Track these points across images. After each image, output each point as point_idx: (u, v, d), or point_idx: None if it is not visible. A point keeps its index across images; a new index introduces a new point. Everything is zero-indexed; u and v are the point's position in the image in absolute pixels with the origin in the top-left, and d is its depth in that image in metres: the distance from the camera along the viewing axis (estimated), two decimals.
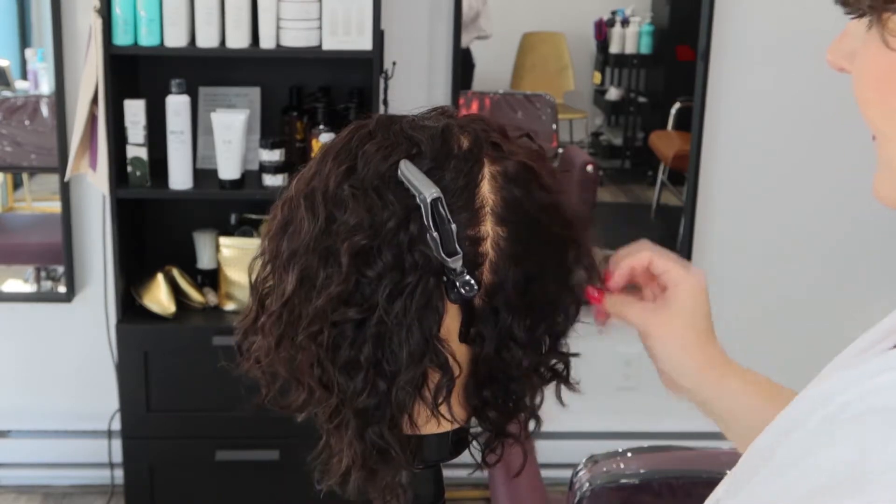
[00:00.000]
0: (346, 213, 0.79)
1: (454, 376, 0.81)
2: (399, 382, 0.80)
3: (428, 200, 0.77)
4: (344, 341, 0.80)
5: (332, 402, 0.82)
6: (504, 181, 0.81)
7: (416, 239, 0.78)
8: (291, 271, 0.82)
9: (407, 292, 0.78)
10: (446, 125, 0.83)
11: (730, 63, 2.84)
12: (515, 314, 0.81)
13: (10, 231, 3.25)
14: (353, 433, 0.83)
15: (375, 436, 0.82)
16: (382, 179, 0.80)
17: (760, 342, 3.03)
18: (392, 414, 0.81)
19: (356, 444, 0.83)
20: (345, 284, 0.78)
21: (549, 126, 3.13)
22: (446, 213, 0.77)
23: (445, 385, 0.81)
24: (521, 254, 0.80)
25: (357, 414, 0.82)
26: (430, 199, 0.77)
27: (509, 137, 0.85)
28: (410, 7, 2.77)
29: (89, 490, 3.01)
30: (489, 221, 0.80)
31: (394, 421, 0.82)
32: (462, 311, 0.81)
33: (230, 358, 0.92)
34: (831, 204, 2.95)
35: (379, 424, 0.82)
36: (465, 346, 0.83)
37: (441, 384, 0.81)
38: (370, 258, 0.78)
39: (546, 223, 0.82)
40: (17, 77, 3.00)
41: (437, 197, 0.77)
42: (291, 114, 2.70)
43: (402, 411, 0.81)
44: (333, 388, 0.81)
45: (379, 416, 0.81)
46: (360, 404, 0.81)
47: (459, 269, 0.78)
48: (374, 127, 0.84)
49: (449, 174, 0.80)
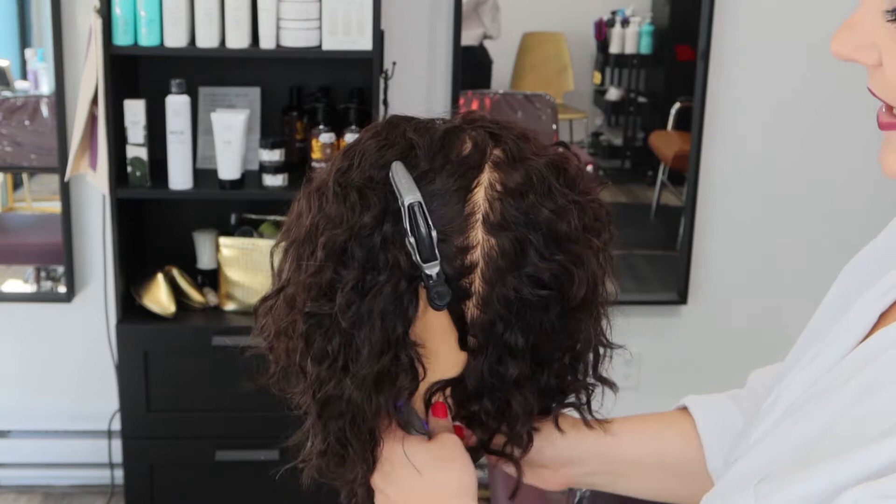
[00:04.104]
0: (330, 208, 0.80)
1: (419, 380, 0.81)
2: (352, 377, 0.80)
3: (406, 205, 0.76)
4: (318, 331, 0.81)
5: (306, 389, 0.84)
6: (502, 191, 0.79)
7: (390, 240, 0.78)
8: (290, 259, 0.84)
9: (374, 291, 0.78)
10: (451, 128, 0.82)
11: (730, 63, 2.84)
12: (511, 327, 0.79)
13: (10, 231, 3.25)
14: (316, 422, 0.85)
15: (337, 430, 0.83)
16: (369, 179, 0.80)
17: (761, 342, 3.03)
18: (352, 410, 0.82)
19: (321, 434, 0.85)
20: (315, 277, 0.79)
21: (549, 126, 3.13)
22: (426, 219, 0.76)
23: (407, 388, 0.81)
24: (512, 268, 0.78)
25: (318, 403, 0.83)
26: (407, 204, 0.76)
27: (534, 146, 0.82)
28: (410, 7, 2.77)
29: (89, 490, 3.01)
30: (479, 230, 0.78)
31: (356, 418, 0.82)
32: (454, 319, 0.80)
33: (230, 358, 0.93)
34: (831, 203, 2.95)
35: (341, 418, 0.82)
36: (464, 355, 0.82)
37: (402, 387, 0.81)
38: (344, 254, 0.79)
39: (542, 241, 0.79)
40: (17, 77, 3.00)
41: (415, 202, 0.76)
42: (291, 114, 2.70)
43: (352, 407, 0.81)
44: (307, 376, 0.83)
45: (340, 410, 0.82)
46: (322, 395, 0.82)
47: (435, 276, 0.77)
48: (382, 126, 0.84)
49: (441, 178, 0.79)
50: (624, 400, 0.95)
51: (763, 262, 3.00)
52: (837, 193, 2.94)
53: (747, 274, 3.00)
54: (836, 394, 0.69)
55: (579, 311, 0.82)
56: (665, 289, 3.02)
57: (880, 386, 0.65)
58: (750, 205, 2.95)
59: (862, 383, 0.67)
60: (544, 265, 0.79)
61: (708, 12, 2.77)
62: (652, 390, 2.93)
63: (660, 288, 3.07)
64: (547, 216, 0.79)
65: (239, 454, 2.68)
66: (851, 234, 2.97)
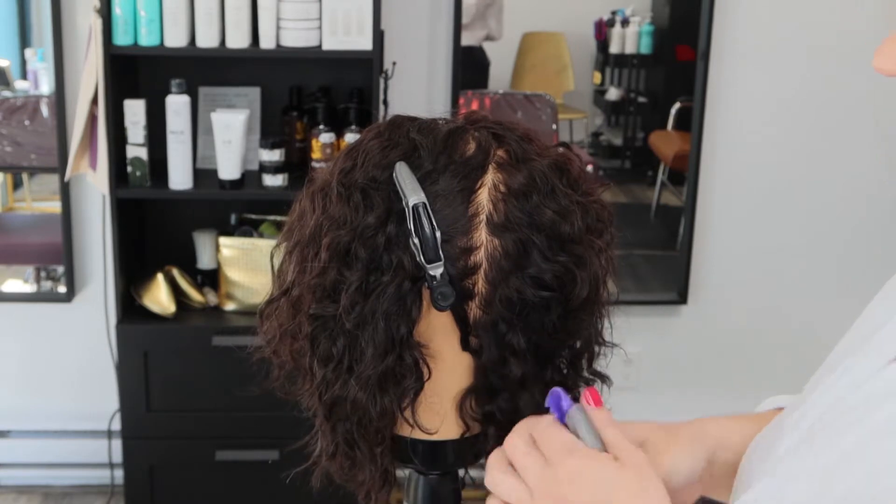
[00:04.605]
0: (334, 209, 0.80)
1: (423, 381, 0.81)
2: (356, 378, 0.80)
3: (410, 205, 0.76)
4: (323, 333, 0.81)
5: (313, 391, 0.84)
6: (506, 192, 0.79)
7: (394, 241, 0.78)
8: (293, 261, 0.83)
9: (378, 291, 0.78)
10: (455, 129, 0.82)
11: (730, 63, 2.84)
12: (514, 327, 0.79)
13: (10, 231, 3.25)
14: (324, 424, 0.84)
15: (345, 431, 0.83)
16: (373, 179, 0.80)
17: (761, 342, 3.04)
18: (358, 411, 0.81)
19: (329, 436, 0.85)
20: (320, 278, 0.79)
21: (549, 126, 3.13)
22: (430, 220, 0.76)
23: (412, 388, 0.81)
24: (515, 269, 0.78)
25: (325, 405, 0.83)
26: (412, 205, 0.76)
27: (537, 146, 0.82)
28: (410, 7, 2.77)
29: (89, 490, 3.01)
30: (483, 230, 0.78)
31: (362, 419, 0.82)
32: (457, 320, 0.80)
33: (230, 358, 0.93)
34: (832, 203, 2.95)
35: (348, 420, 0.82)
36: (468, 356, 0.82)
37: (407, 387, 0.81)
38: (348, 255, 0.78)
39: (545, 242, 0.79)
40: (17, 77, 3.00)
41: (419, 203, 0.76)
42: (291, 114, 2.70)
43: (358, 408, 0.81)
44: (314, 378, 0.83)
45: (347, 412, 0.82)
46: (329, 396, 0.82)
47: (439, 276, 0.77)
48: (385, 127, 0.84)
49: (445, 179, 0.79)
50: (624, 400, 0.95)
51: (763, 262, 3.00)
52: (837, 193, 2.94)
53: (747, 274, 3.00)
54: (859, 422, 0.66)
55: (581, 312, 0.81)
56: (665, 289, 3.02)
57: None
58: (750, 205, 2.95)
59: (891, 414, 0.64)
60: (547, 266, 0.79)
61: (708, 12, 2.77)
62: (651, 390, 2.93)
63: (660, 288, 3.07)
64: (550, 217, 0.79)
65: (239, 454, 2.68)
66: (851, 234, 2.97)
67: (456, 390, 0.83)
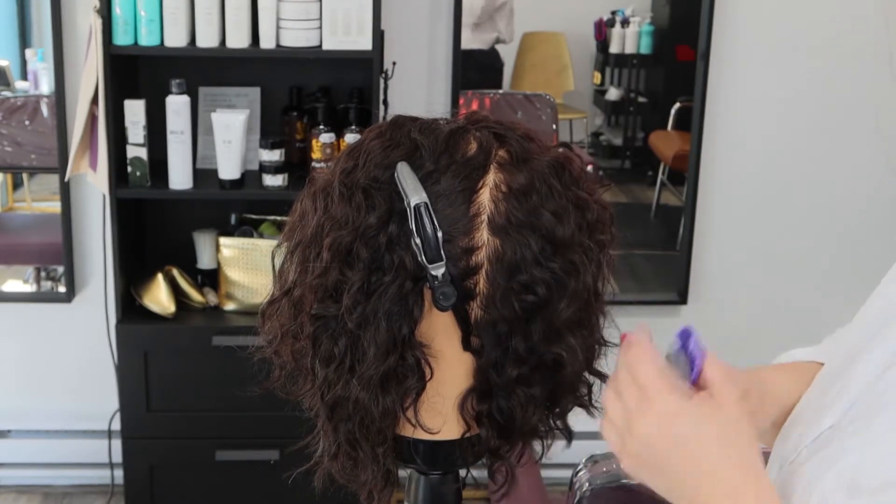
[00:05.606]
0: (335, 209, 0.80)
1: (425, 381, 0.81)
2: (358, 378, 0.80)
3: (412, 205, 0.76)
4: (324, 333, 0.81)
5: (314, 391, 0.84)
6: (507, 192, 0.79)
7: (396, 241, 0.78)
8: (295, 261, 0.84)
9: (380, 291, 0.78)
10: (456, 129, 0.82)
11: (730, 63, 2.84)
12: (514, 328, 0.80)
13: (10, 231, 3.25)
14: (326, 424, 0.84)
15: (347, 431, 0.83)
16: (375, 179, 0.80)
17: (760, 342, 3.03)
18: (360, 411, 0.81)
19: (331, 436, 0.85)
20: (321, 278, 0.80)
21: (549, 126, 3.13)
22: (432, 220, 0.77)
23: (414, 388, 0.81)
24: (516, 269, 0.79)
25: (327, 405, 0.83)
26: (413, 205, 0.76)
27: (538, 147, 0.83)
28: (410, 7, 2.77)
29: (89, 490, 3.01)
30: (485, 230, 0.79)
31: (364, 419, 0.82)
32: (458, 320, 0.80)
33: (230, 358, 0.93)
34: (832, 203, 2.95)
35: (350, 420, 0.82)
36: (469, 355, 0.82)
37: (409, 387, 0.81)
38: (350, 255, 0.79)
39: (546, 243, 0.79)
40: (17, 77, 3.00)
41: (421, 203, 0.76)
42: (291, 114, 2.70)
43: (360, 408, 0.81)
44: (315, 378, 0.83)
45: (349, 412, 0.82)
46: (331, 397, 0.82)
47: (441, 276, 0.77)
48: (386, 127, 0.84)
49: (447, 179, 0.79)
50: None
51: (763, 262, 3.00)
52: (837, 193, 2.94)
53: (747, 274, 3.00)
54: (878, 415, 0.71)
55: (581, 311, 0.82)
56: (665, 289, 3.02)
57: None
58: (750, 205, 2.95)
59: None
60: (548, 266, 0.79)
61: (708, 12, 2.77)
62: None
63: (660, 288, 3.07)
64: (548, 219, 0.79)
65: (239, 454, 2.68)
66: (852, 234, 2.97)
67: (457, 390, 0.83)
